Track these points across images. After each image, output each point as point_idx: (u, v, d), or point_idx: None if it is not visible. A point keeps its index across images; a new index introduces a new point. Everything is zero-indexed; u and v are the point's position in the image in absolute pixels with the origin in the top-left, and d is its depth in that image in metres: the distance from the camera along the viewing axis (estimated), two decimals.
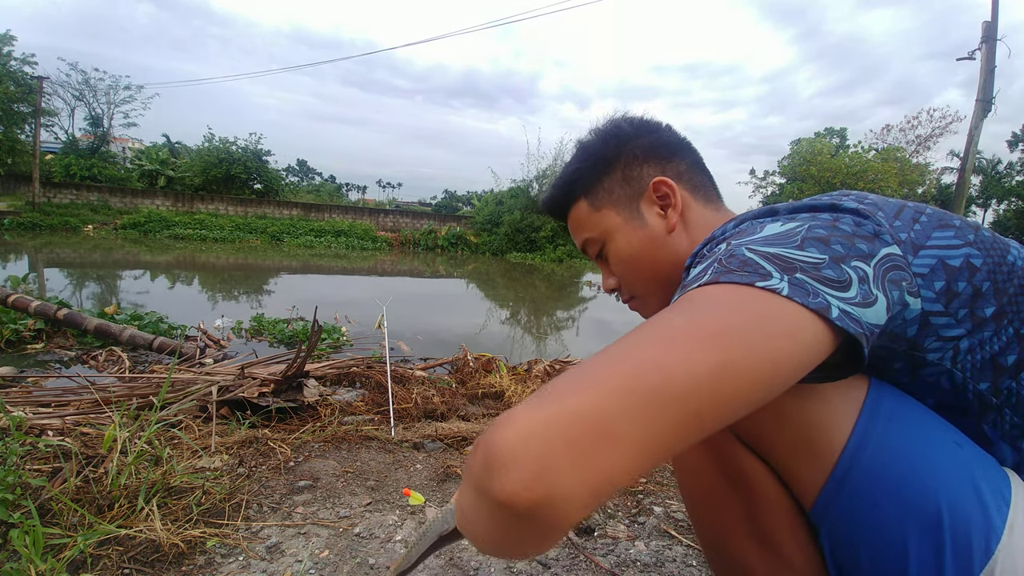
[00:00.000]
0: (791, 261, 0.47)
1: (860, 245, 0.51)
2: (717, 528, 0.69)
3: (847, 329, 0.43)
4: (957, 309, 0.55)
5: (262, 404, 2.24)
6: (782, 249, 0.48)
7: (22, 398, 2.32)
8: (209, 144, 22.91)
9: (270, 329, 4.67)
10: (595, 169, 0.82)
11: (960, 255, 0.56)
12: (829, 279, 0.46)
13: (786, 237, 0.51)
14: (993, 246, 0.58)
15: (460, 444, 2.14)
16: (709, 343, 0.39)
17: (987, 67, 3.03)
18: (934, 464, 0.54)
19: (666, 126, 0.86)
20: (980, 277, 0.56)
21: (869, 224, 0.54)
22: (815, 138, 28.84)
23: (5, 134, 17.38)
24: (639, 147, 0.81)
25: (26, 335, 3.74)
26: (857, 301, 0.46)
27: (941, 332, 0.55)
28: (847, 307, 0.44)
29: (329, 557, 1.21)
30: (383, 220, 23.83)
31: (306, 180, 59.58)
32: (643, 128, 0.84)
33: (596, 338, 6.18)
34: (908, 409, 0.58)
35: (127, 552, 1.15)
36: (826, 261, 0.47)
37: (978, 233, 0.59)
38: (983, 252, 0.57)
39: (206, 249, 13.75)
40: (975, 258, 0.56)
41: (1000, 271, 0.56)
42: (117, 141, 28.40)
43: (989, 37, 3.06)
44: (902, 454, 0.54)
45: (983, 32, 3.08)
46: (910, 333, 0.55)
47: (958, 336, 0.55)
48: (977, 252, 0.56)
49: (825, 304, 0.43)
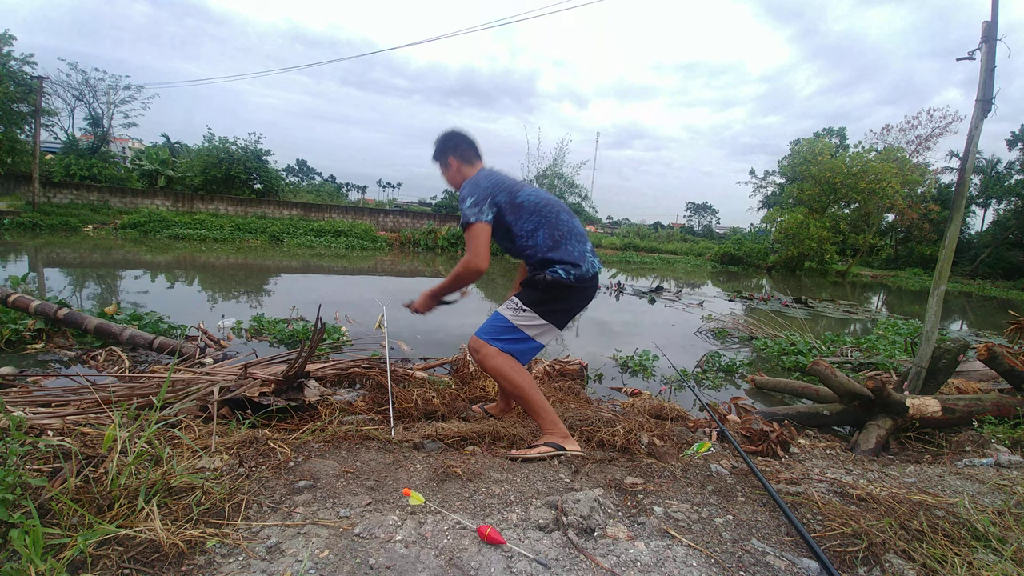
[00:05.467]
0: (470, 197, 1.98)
1: (489, 193, 1.98)
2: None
3: (484, 220, 1.95)
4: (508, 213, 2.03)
5: (263, 403, 2.24)
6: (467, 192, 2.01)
7: (22, 398, 2.32)
8: (209, 144, 22.89)
9: (270, 329, 4.66)
10: (442, 148, 2.21)
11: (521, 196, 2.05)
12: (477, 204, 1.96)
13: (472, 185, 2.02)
14: (512, 187, 2.05)
15: (460, 444, 2.14)
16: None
17: (987, 67, 3.03)
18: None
19: (459, 131, 2.22)
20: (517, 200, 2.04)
21: (493, 188, 2.01)
22: (815, 138, 28.81)
23: (5, 134, 17.34)
24: (448, 143, 2.20)
25: (26, 335, 3.74)
26: (488, 215, 1.97)
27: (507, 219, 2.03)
28: (486, 217, 1.96)
29: (329, 557, 1.21)
30: (383, 220, 23.82)
31: (306, 180, 59.50)
32: (454, 134, 2.20)
33: (596, 338, 6.18)
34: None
35: (127, 552, 1.15)
36: (482, 197, 1.97)
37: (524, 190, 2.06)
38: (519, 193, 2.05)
39: (206, 249, 13.75)
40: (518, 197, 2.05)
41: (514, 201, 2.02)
42: (117, 141, 28.38)
43: (989, 37, 3.06)
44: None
45: (983, 32, 3.07)
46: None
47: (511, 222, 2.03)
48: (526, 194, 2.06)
49: (482, 216, 1.95)
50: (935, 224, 26.38)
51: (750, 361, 5.17)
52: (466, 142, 2.18)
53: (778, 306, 10.20)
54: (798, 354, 5.28)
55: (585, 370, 3.98)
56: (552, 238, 2.00)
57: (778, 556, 1.37)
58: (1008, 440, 2.80)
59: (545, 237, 1.99)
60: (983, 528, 1.50)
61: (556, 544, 1.35)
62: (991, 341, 5.53)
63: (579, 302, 2.10)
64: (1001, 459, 2.48)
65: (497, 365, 1.96)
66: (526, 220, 2.01)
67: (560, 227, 2.02)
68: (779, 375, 4.65)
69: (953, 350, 3.32)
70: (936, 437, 3.06)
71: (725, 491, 1.78)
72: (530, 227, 2.00)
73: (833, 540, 1.46)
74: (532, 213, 2.01)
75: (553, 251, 1.98)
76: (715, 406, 3.48)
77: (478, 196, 1.96)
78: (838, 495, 1.81)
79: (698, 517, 1.56)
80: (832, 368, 3.14)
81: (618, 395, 3.70)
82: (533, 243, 2.00)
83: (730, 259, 24.92)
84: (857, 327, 8.50)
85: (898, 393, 3.14)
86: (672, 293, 11.38)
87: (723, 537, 1.46)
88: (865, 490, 1.80)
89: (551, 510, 1.52)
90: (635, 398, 3.47)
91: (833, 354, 5.32)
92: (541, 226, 2.00)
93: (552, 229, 2.00)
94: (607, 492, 1.66)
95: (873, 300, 15.33)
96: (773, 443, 2.54)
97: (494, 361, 1.96)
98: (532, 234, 2.00)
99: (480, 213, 1.94)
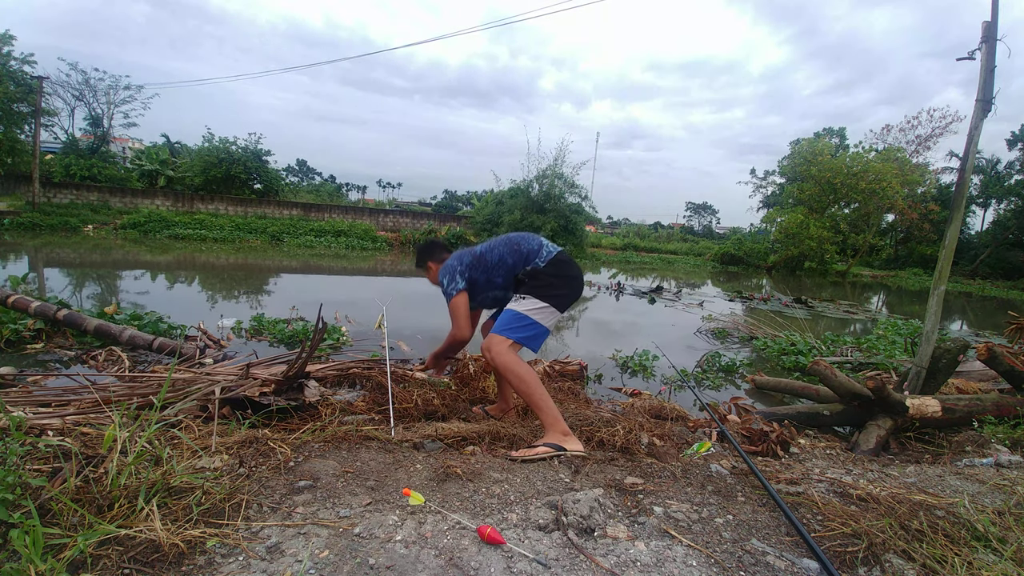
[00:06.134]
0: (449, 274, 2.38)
1: (457, 268, 2.36)
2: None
3: (459, 289, 2.34)
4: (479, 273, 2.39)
5: (264, 403, 2.24)
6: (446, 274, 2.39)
7: (22, 398, 2.32)
8: (209, 144, 22.85)
9: (270, 329, 4.67)
10: (421, 257, 2.65)
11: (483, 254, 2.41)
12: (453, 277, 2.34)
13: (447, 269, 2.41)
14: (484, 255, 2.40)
15: (460, 444, 2.14)
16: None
17: (987, 67, 3.03)
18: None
19: (437, 240, 2.76)
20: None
21: (458, 262, 2.38)
22: (815, 138, 28.80)
23: (5, 134, 17.31)
24: (424, 253, 2.65)
25: (26, 335, 3.74)
26: (461, 284, 2.33)
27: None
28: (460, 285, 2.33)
29: (329, 557, 1.21)
30: (383, 220, 23.81)
31: (306, 180, 59.44)
32: (430, 243, 2.67)
33: (596, 338, 6.18)
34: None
35: (127, 552, 1.15)
36: (453, 274, 2.35)
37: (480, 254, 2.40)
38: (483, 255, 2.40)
39: (206, 249, 13.74)
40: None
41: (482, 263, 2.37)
42: (117, 141, 28.33)
43: (989, 37, 3.06)
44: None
45: (983, 32, 3.06)
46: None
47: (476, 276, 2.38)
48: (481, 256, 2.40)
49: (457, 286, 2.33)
50: (935, 224, 26.36)
51: (750, 361, 5.17)
52: (438, 247, 2.66)
53: (778, 306, 10.20)
54: (798, 354, 5.28)
55: (585, 370, 3.97)
56: (520, 256, 2.35)
57: (778, 556, 1.37)
58: (1008, 440, 2.80)
59: (516, 261, 2.34)
60: (983, 528, 1.50)
61: (556, 544, 1.35)
62: (991, 341, 5.53)
63: (566, 277, 2.30)
64: (1001, 459, 2.48)
65: (506, 361, 2.10)
66: (492, 256, 2.36)
67: (521, 247, 2.35)
68: (779, 375, 4.65)
69: (953, 350, 3.32)
70: (936, 437, 3.06)
71: (725, 491, 1.78)
72: (496, 259, 2.35)
73: (833, 540, 1.46)
74: (493, 250, 2.38)
75: (526, 263, 2.32)
76: (715, 406, 3.48)
77: (449, 274, 2.34)
78: (838, 495, 1.81)
79: (698, 517, 1.56)
80: (832, 368, 3.13)
81: (618, 395, 3.70)
82: (507, 269, 2.35)
83: (730, 259, 24.92)
84: (857, 327, 8.50)
85: (898, 393, 3.14)
86: (672, 293, 11.37)
87: (723, 537, 1.45)
88: (865, 490, 1.80)
89: (551, 510, 1.52)
90: (635, 398, 3.47)
91: (833, 354, 5.32)
92: (507, 256, 2.35)
93: (516, 254, 2.35)
94: (607, 492, 1.66)
95: (873, 300, 15.33)
96: (773, 443, 2.54)
97: (503, 358, 2.11)
98: (501, 263, 2.34)
99: (455, 284, 2.32)
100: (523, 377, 2.09)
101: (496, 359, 2.12)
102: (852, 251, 27.07)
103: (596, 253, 24.08)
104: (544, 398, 2.10)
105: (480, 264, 2.35)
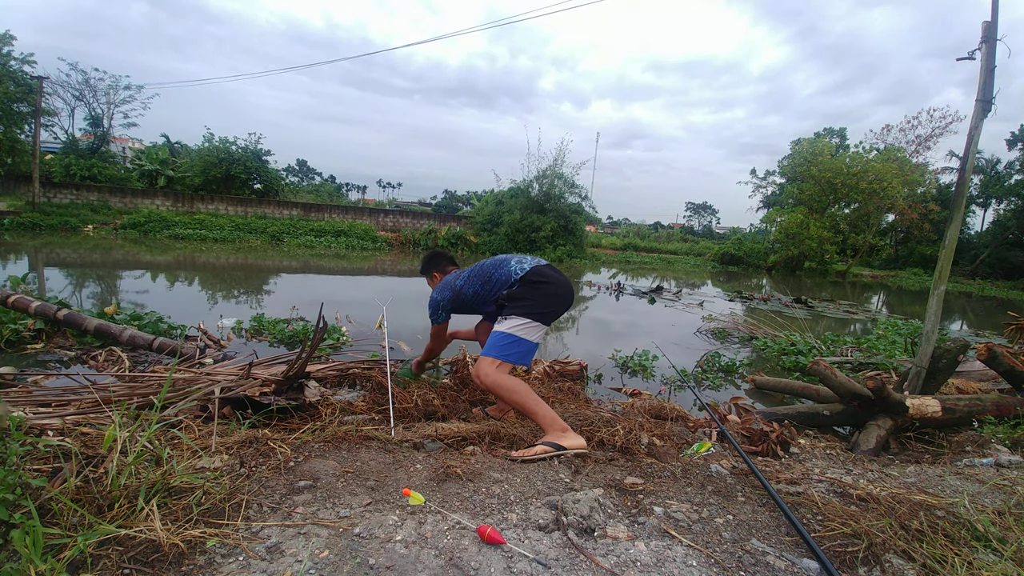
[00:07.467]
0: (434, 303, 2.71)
1: (440, 303, 2.67)
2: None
3: (440, 322, 2.75)
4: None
5: (264, 403, 2.24)
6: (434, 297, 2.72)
7: (22, 398, 2.32)
8: (209, 144, 22.84)
9: (270, 329, 4.66)
10: (425, 267, 2.98)
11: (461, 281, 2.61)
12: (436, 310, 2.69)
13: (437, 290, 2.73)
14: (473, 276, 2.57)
15: (460, 444, 2.14)
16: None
17: (987, 67, 3.02)
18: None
19: (441, 250, 3.12)
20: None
21: (441, 297, 2.65)
22: (815, 138, 28.79)
23: (5, 134, 17.30)
24: (431, 261, 2.98)
25: (26, 335, 3.74)
26: (443, 317, 2.73)
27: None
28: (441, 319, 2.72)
29: (329, 557, 1.21)
30: (383, 220, 23.81)
31: (306, 180, 59.43)
32: (433, 254, 3.00)
33: (596, 338, 6.18)
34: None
35: (127, 552, 1.15)
36: (436, 308, 2.68)
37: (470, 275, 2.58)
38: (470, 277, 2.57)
39: (206, 249, 13.74)
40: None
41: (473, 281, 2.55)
42: (117, 141, 28.31)
43: (989, 37, 3.05)
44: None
45: (983, 32, 3.06)
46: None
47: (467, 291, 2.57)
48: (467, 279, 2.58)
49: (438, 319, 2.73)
50: (935, 224, 26.35)
51: (750, 361, 5.17)
52: (444, 259, 2.97)
53: (778, 306, 10.20)
54: (798, 354, 5.28)
55: (585, 370, 3.97)
56: (492, 285, 2.46)
57: (778, 556, 1.37)
58: (1008, 440, 2.80)
59: (491, 289, 2.46)
60: (983, 528, 1.50)
61: (556, 544, 1.35)
62: (991, 341, 5.53)
63: (544, 296, 2.32)
64: (1001, 459, 2.48)
65: (493, 381, 2.18)
66: (468, 290, 2.54)
67: (492, 277, 2.45)
68: (779, 375, 4.65)
69: (953, 350, 3.32)
70: (936, 437, 3.06)
71: (725, 491, 1.78)
72: (471, 293, 2.53)
73: (833, 540, 1.46)
74: (470, 283, 2.55)
75: (503, 287, 2.42)
76: (715, 406, 3.48)
77: (433, 308, 2.67)
78: (838, 495, 1.81)
79: (698, 517, 1.56)
80: (832, 368, 3.13)
81: (618, 395, 3.69)
82: (484, 298, 2.49)
83: (730, 259, 24.92)
84: (857, 327, 8.50)
85: (898, 393, 3.14)
86: (672, 293, 11.37)
87: (723, 537, 1.46)
88: (865, 490, 1.80)
89: (551, 510, 1.52)
90: (635, 398, 3.47)
91: (833, 354, 5.32)
92: (480, 289, 2.49)
93: (488, 284, 2.47)
94: (607, 492, 1.66)
95: (873, 300, 15.33)
96: (773, 443, 2.54)
97: (490, 379, 2.18)
98: (476, 296, 2.51)
99: (437, 318, 2.69)
100: (512, 388, 2.16)
101: (484, 381, 2.20)
102: (852, 251, 27.06)
103: (596, 253, 24.07)
104: (537, 403, 2.13)
105: (459, 298, 2.59)
